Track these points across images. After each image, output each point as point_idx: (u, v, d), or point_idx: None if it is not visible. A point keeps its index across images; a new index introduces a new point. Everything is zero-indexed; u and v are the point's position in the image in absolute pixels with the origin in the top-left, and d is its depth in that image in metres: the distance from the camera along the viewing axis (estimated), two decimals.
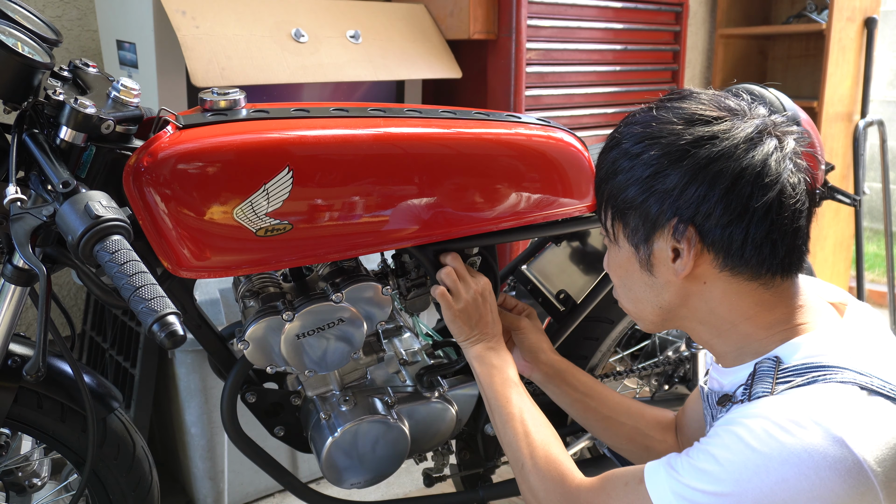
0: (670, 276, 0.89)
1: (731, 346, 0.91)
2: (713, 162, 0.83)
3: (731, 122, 0.85)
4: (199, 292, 1.75)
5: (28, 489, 1.34)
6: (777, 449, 0.74)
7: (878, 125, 3.20)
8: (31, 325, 2.04)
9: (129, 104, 1.01)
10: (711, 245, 0.85)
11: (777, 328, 0.87)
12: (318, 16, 1.92)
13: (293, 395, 1.31)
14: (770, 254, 0.85)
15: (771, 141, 0.85)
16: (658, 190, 0.86)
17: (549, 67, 2.30)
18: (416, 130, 1.14)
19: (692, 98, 0.90)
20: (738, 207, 0.83)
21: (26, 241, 0.86)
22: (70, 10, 2.04)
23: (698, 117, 0.86)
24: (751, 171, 0.83)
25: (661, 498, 0.82)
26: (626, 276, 0.95)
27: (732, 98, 0.90)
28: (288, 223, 1.05)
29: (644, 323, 0.98)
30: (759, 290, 0.87)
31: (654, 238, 0.89)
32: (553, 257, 1.55)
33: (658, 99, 0.93)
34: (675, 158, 0.85)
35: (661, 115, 0.89)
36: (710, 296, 0.89)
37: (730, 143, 0.84)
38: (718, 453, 0.78)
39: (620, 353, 1.76)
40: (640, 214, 0.89)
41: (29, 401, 1.16)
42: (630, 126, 0.91)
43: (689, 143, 0.85)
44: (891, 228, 3.22)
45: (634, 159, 0.88)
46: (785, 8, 3.42)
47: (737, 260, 0.85)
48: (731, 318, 0.89)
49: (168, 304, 0.78)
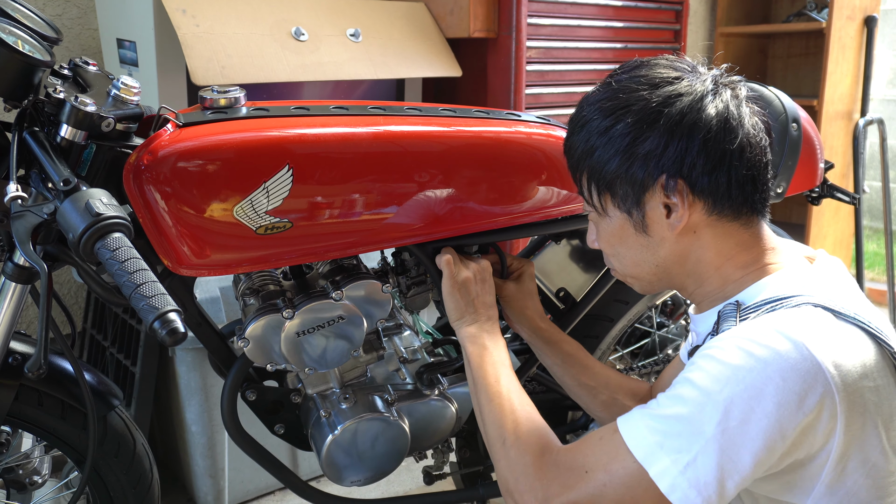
0: (665, 233, 0.94)
1: (710, 289, 0.96)
2: (685, 116, 0.89)
3: (689, 79, 0.92)
4: (200, 290, 1.75)
5: (29, 487, 1.34)
6: (745, 358, 0.79)
7: (878, 124, 3.20)
8: (31, 323, 2.04)
9: (129, 102, 1.01)
10: (700, 193, 0.90)
11: (750, 268, 0.93)
12: (319, 14, 1.92)
13: (293, 392, 1.31)
14: (752, 190, 0.92)
15: (726, 91, 0.92)
16: (640, 154, 0.90)
17: (550, 66, 2.30)
18: (416, 129, 1.14)
19: (646, 65, 0.95)
20: (717, 153, 0.89)
21: (27, 238, 0.86)
22: (70, 9, 2.04)
23: (660, 79, 0.92)
24: (719, 117, 0.89)
25: (634, 437, 0.84)
26: (620, 243, 0.99)
27: (680, 60, 0.96)
28: (288, 221, 1.05)
29: (640, 283, 1.02)
30: (740, 230, 0.93)
31: (645, 199, 0.92)
32: (553, 255, 1.56)
33: (609, 75, 0.98)
34: (651, 121, 0.89)
35: (623, 86, 0.93)
36: (700, 243, 0.94)
37: (695, 97, 0.89)
38: (693, 375, 0.83)
39: (620, 351, 1.76)
40: (627, 181, 0.92)
41: (30, 398, 1.16)
42: (594, 104, 0.95)
43: (659, 103, 0.89)
44: (890, 227, 3.22)
45: (608, 132, 0.92)
46: (785, 6, 3.42)
47: (724, 202, 0.91)
48: (717, 262, 0.94)
49: (169, 301, 0.78)
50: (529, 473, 0.93)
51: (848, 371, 0.80)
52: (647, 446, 0.82)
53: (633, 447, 0.83)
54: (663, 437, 0.81)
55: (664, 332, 1.73)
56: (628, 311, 1.54)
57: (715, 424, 0.78)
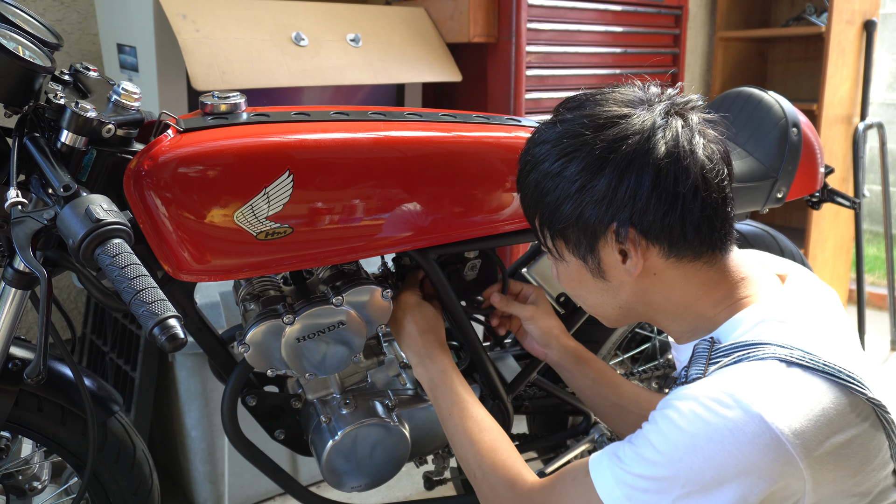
0: (623, 277, 0.92)
1: (685, 326, 0.95)
2: (633, 159, 0.85)
3: (637, 115, 0.87)
4: (200, 295, 1.75)
5: (28, 492, 1.34)
6: (702, 428, 0.78)
7: (878, 128, 3.20)
8: (31, 329, 2.04)
9: (129, 108, 1.01)
10: (654, 238, 0.88)
11: (723, 304, 0.91)
12: (319, 19, 1.93)
13: (293, 398, 1.31)
14: (709, 230, 0.88)
15: (676, 121, 0.87)
16: (589, 201, 0.88)
17: (549, 71, 2.30)
18: (417, 134, 1.14)
19: (590, 102, 0.91)
20: (668, 196, 0.85)
21: (27, 244, 0.86)
22: (71, 14, 2.04)
23: (606, 119, 0.88)
24: (669, 156, 0.85)
25: (605, 487, 0.85)
26: (580, 286, 0.98)
27: (625, 89, 0.92)
28: (288, 227, 1.05)
29: (605, 320, 1.01)
30: (703, 268, 0.91)
31: (599, 246, 0.91)
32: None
33: (555, 110, 0.95)
34: (597, 168, 0.86)
35: (568, 129, 0.90)
36: (663, 285, 0.92)
37: (641, 137, 0.85)
38: (653, 438, 0.82)
39: (621, 356, 1.76)
40: (579, 228, 0.90)
41: (29, 404, 1.16)
42: (540, 146, 0.92)
43: (603, 149, 0.86)
44: (891, 231, 3.22)
45: (557, 178, 0.90)
46: (784, 11, 3.42)
47: (681, 245, 0.88)
48: (685, 300, 0.93)
49: (169, 307, 0.78)
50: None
51: (811, 437, 0.77)
52: (616, 499, 0.83)
53: (604, 497, 0.85)
54: (631, 490, 0.83)
55: (664, 336, 1.73)
56: None
57: (678, 489, 0.79)
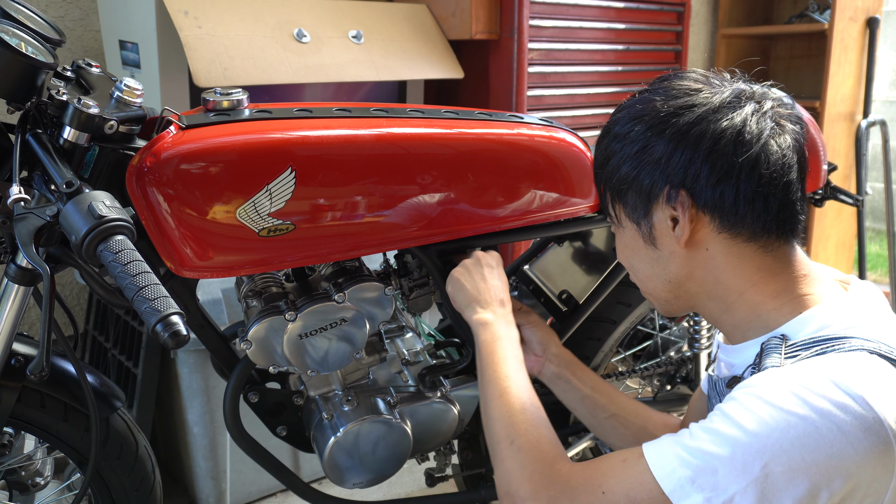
0: (673, 246, 0.92)
1: (740, 318, 0.92)
2: (693, 126, 0.87)
3: (708, 91, 0.90)
4: (202, 292, 1.75)
5: (31, 488, 1.34)
6: (799, 405, 0.74)
7: (881, 125, 3.19)
8: (34, 325, 2.04)
9: (132, 104, 1.01)
10: (705, 205, 0.88)
11: (784, 297, 0.89)
12: (321, 16, 1.92)
13: (295, 394, 1.31)
14: (763, 209, 0.87)
15: (749, 105, 0.88)
16: (647, 162, 0.90)
17: (551, 67, 2.30)
18: (419, 131, 1.14)
19: (675, 77, 0.94)
20: (723, 165, 0.86)
21: (30, 240, 0.86)
22: (73, 11, 2.04)
23: (676, 91, 0.91)
24: (731, 130, 0.86)
25: (664, 468, 0.79)
26: (633, 255, 0.98)
27: (715, 75, 0.94)
28: (290, 223, 1.05)
29: (658, 302, 1.00)
30: (759, 252, 0.89)
31: (653, 210, 0.92)
32: (555, 257, 1.55)
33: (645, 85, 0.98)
34: (659, 130, 0.89)
35: (644, 97, 0.93)
36: (714, 262, 0.91)
37: (707, 108, 0.88)
38: (739, 415, 0.77)
39: (623, 354, 1.76)
40: (636, 190, 0.92)
41: (32, 400, 1.16)
42: (617, 113, 0.96)
43: (668, 113, 0.89)
44: (893, 228, 3.21)
45: (623, 139, 0.93)
46: (787, 8, 3.42)
47: (732, 218, 0.88)
48: (738, 285, 0.90)
49: (171, 304, 0.78)
50: (536, 480, 0.89)
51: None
52: (677, 479, 0.78)
53: (661, 477, 0.79)
54: (696, 472, 0.77)
55: (666, 334, 1.73)
56: (631, 314, 1.54)
57: (759, 468, 0.74)
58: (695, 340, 1.59)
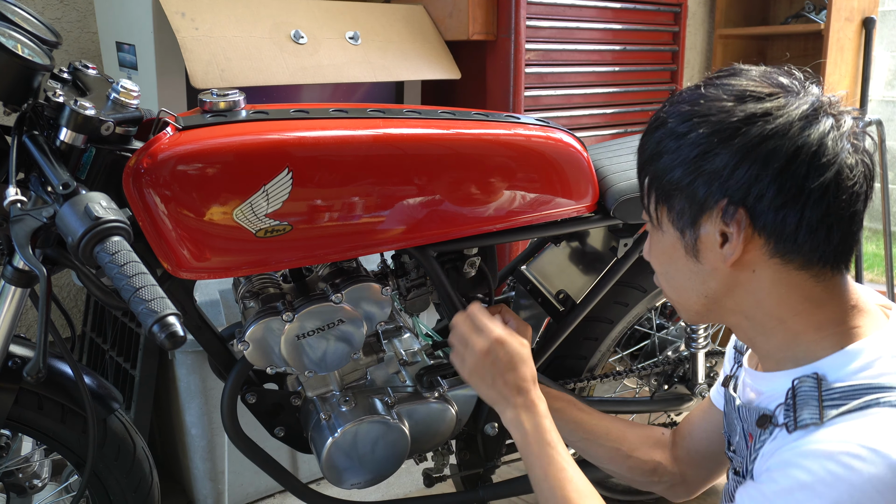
0: (717, 263, 0.84)
1: (776, 344, 0.86)
2: (766, 140, 0.78)
3: (784, 99, 0.80)
4: (199, 293, 1.75)
5: (28, 490, 1.34)
6: (842, 488, 0.71)
7: (877, 125, 3.19)
8: (31, 327, 2.04)
9: (128, 106, 1.01)
10: (763, 229, 0.80)
11: (827, 329, 0.82)
12: (317, 17, 1.93)
13: (293, 395, 1.31)
14: (825, 239, 0.80)
15: (827, 120, 0.79)
16: (706, 170, 0.81)
17: (548, 68, 2.30)
18: (416, 131, 1.14)
19: (742, 74, 0.85)
20: (792, 188, 0.78)
21: (26, 242, 0.86)
22: (70, 12, 2.04)
23: (749, 93, 0.81)
24: (806, 149, 0.77)
25: None
26: (669, 263, 0.90)
27: (784, 75, 0.85)
28: (287, 224, 1.06)
29: (687, 313, 0.93)
30: (809, 282, 0.82)
31: (702, 221, 0.83)
32: (552, 257, 1.56)
33: (706, 77, 0.88)
34: (726, 137, 0.80)
35: (709, 93, 0.83)
36: (758, 286, 0.84)
37: (784, 121, 0.78)
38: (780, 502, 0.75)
39: (620, 353, 1.76)
40: (687, 196, 0.83)
41: (29, 402, 1.16)
42: (676, 105, 0.86)
43: (740, 120, 0.80)
44: (889, 228, 3.22)
45: (681, 139, 0.83)
46: (783, 8, 3.42)
47: (789, 245, 0.80)
48: (779, 312, 0.84)
49: (168, 305, 0.78)
50: None
51: None
52: None
53: None
54: None
55: (664, 333, 1.73)
56: (628, 313, 1.54)
57: None
58: (692, 340, 1.60)
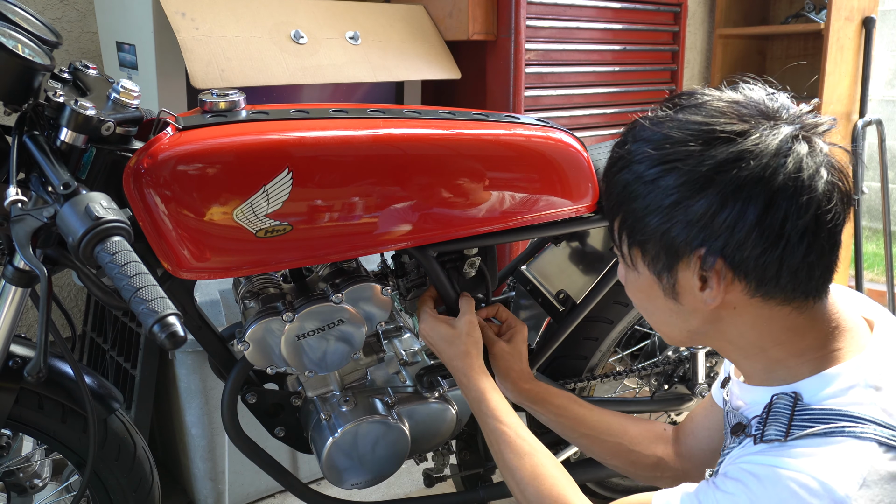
0: (698, 304, 0.83)
1: (758, 367, 0.86)
2: (741, 188, 0.75)
3: (757, 135, 0.76)
4: (200, 293, 1.75)
5: (29, 490, 1.34)
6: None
7: (877, 124, 3.20)
8: (31, 327, 2.04)
9: (129, 106, 1.01)
10: (743, 275, 0.78)
11: (809, 354, 0.82)
12: (318, 17, 1.93)
13: (293, 395, 1.31)
14: (806, 277, 0.78)
15: (801, 147, 0.77)
16: (681, 219, 0.78)
17: (548, 68, 2.30)
18: (416, 131, 1.14)
19: (705, 107, 0.80)
20: (771, 235, 0.75)
21: (27, 242, 0.86)
22: (70, 12, 2.04)
23: (719, 134, 0.77)
24: (784, 191, 0.75)
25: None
26: (648, 301, 0.89)
27: (750, 101, 0.81)
28: (288, 224, 1.06)
29: (670, 341, 0.94)
30: (792, 314, 0.81)
31: (678, 268, 0.81)
32: (552, 257, 1.56)
33: (665, 105, 0.84)
34: (699, 187, 0.77)
35: (673, 134, 0.79)
36: (741, 320, 0.83)
37: (757, 163, 0.75)
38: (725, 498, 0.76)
39: (620, 353, 1.76)
40: (662, 244, 0.81)
41: (30, 402, 1.17)
42: (640, 144, 0.82)
43: (711, 169, 0.76)
44: (889, 228, 3.22)
45: (650, 185, 0.80)
46: (783, 8, 3.42)
47: (771, 286, 0.79)
48: (761, 343, 0.84)
49: (168, 305, 0.78)
50: None
51: None
52: None
53: None
54: None
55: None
56: (628, 313, 1.54)
57: None
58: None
